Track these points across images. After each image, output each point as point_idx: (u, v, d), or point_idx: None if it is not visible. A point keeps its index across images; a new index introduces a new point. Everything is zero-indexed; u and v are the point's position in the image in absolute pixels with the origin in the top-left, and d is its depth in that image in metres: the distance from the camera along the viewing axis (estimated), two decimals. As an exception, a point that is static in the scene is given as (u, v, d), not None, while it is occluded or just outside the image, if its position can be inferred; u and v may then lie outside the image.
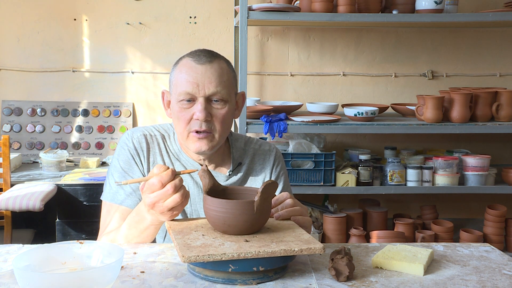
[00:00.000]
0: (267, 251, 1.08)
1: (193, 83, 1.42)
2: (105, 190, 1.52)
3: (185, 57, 1.49)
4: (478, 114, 2.85)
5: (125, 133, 1.57)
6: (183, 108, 1.44)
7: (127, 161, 1.51)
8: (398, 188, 2.87)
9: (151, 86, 3.32)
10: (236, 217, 1.15)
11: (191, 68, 1.44)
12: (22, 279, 0.96)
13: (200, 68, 1.43)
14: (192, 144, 1.45)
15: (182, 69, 1.46)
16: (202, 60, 1.44)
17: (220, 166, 1.56)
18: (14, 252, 1.28)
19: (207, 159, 1.53)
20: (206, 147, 1.45)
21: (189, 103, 1.44)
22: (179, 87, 1.44)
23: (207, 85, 1.43)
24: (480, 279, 1.15)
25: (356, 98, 3.37)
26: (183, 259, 1.04)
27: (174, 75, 1.48)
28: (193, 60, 1.45)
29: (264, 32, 3.31)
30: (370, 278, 1.14)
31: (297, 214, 1.30)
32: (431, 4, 2.78)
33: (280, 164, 1.64)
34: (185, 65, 1.46)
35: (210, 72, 1.43)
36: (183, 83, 1.43)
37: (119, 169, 1.51)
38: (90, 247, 1.11)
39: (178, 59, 1.51)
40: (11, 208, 2.37)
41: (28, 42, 3.26)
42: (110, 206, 1.50)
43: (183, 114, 1.44)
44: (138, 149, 1.52)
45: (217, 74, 1.44)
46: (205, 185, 1.23)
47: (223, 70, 1.46)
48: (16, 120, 3.23)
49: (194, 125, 1.44)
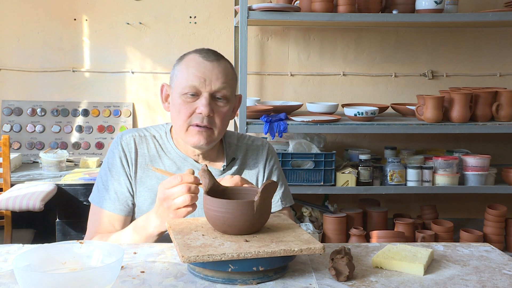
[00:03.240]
0: (267, 251, 1.08)
1: (200, 77, 1.45)
2: (93, 192, 1.55)
3: (191, 53, 1.51)
4: (478, 114, 2.84)
5: (116, 136, 1.59)
6: (187, 101, 1.47)
7: (114, 164, 1.53)
8: (398, 188, 2.86)
9: (151, 86, 3.32)
10: (236, 217, 1.15)
11: (199, 64, 1.47)
12: (22, 279, 0.96)
13: (208, 65, 1.47)
14: (191, 137, 1.48)
15: (190, 64, 1.48)
16: (210, 58, 1.48)
17: (214, 161, 1.59)
18: (14, 252, 1.28)
19: (202, 154, 1.55)
20: (205, 141, 1.47)
21: (193, 97, 1.46)
22: (185, 80, 1.46)
23: (214, 82, 1.46)
24: (480, 279, 1.15)
25: (356, 98, 3.37)
26: (183, 259, 1.04)
27: (179, 69, 1.50)
28: (201, 57, 1.48)
29: (264, 32, 3.31)
30: (370, 278, 1.14)
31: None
32: (431, 4, 2.78)
33: (273, 158, 1.66)
34: (192, 60, 1.48)
35: (217, 69, 1.47)
36: (190, 77, 1.46)
37: (107, 171, 1.53)
38: (90, 247, 1.11)
39: (183, 54, 1.53)
40: (11, 208, 2.36)
41: (28, 42, 3.25)
42: (97, 209, 1.53)
43: (185, 107, 1.46)
44: (127, 152, 1.53)
45: (224, 72, 1.48)
46: (205, 185, 1.23)
47: (228, 70, 1.50)
48: (16, 120, 3.23)
49: (195, 119, 1.46)
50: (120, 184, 1.52)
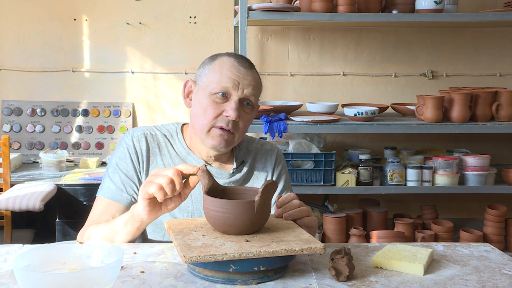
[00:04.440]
0: (268, 251, 1.08)
1: (234, 80, 1.46)
2: (102, 188, 1.51)
3: (224, 55, 1.52)
4: (478, 114, 2.84)
5: (126, 132, 1.57)
6: (216, 102, 1.46)
7: (125, 160, 1.51)
8: (398, 188, 2.86)
9: (151, 86, 3.32)
10: (237, 217, 1.15)
11: (234, 67, 1.47)
12: (22, 279, 0.96)
13: (243, 70, 1.48)
14: (211, 139, 1.47)
15: (224, 66, 1.48)
16: (245, 64, 1.50)
17: (225, 164, 1.58)
18: (14, 252, 1.27)
19: (214, 156, 1.54)
20: (225, 144, 1.47)
21: (222, 98, 1.46)
22: (217, 80, 1.46)
23: (246, 87, 1.47)
24: (480, 279, 1.15)
25: (356, 98, 3.37)
26: (185, 260, 1.04)
27: (211, 68, 1.49)
28: (236, 61, 1.49)
29: (264, 32, 3.31)
30: (370, 278, 1.14)
31: (305, 214, 1.32)
32: (431, 4, 2.78)
33: (281, 163, 1.66)
34: (226, 62, 1.49)
35: (251, 76, 1.49)
36: (224, 78, 1.46)
37: (116, 167, 1.51)
38: (90, 247, 1.11)
39: (214, 55, 1.53)
40: (11, 208, 2.36)
41: (28, 42, 3.25)
42: (100, 199, 1.50)
43: (213, 108, 1.46)
44: (138, 149, 1.52)
45: (256, 80, 1.50)
46: (204, 185, 1.23)
47: (258, 79, 1.53)
48: (16, 120, 3.22)
49: (221, 121, 1.46)
50: (128, 177, 1.49)
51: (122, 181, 1.49)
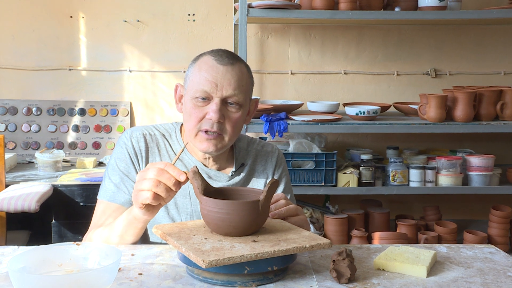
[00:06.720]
0: (282, 250, 1.09)
1: (212, 82, 1.42)
2: (102, 189, 1.51)
3: (206, 54, 1.48)
4: (482, 113, 2.82)
5: (124, 132, 1.57)
6: (197, 105, 1.44)
7: (124, 160, 1.51)
8: (400, 189, 2.85)
9: (149, 85, 3.29)
10: (242, 218, 1.14)
11: (212, 67, 1.43)
12: (18, 282, 0.96)
13: (221, 69, 1.43)
14: (199, 144, 1.46)
15: (203, 67, 1.44)
16: (224, 61, 1.44)
17: (223, 166, 1.57)
18: (9, 254, 1.28)
19: (211, 158, 1.53)
20: (214, 148, 1.45)
21: (203, 102, 1.43)
22: (196, 84, 1.43)
23: (225, 87, 1.42)
24: (485, 281, 1.15)
25: (357, 97, 3.35)
26: (204, 264, 1.02)
27: (192, 71, 1.47)
28: (215, 60, 1.44)
29: (264, 30, 3.28)
30: (372, 280, 1.14)
31: (293, 213, 1.32)
32: (434, 1, 2.78)
33: (282, 165, 1.65)
34: (206, 62, 1.45)
35: (230, 74, 1.43)
36: (202, 81, 1.43)
37: (115, 168, 1.50)
38: (87, 249, 1.12)
39: (198, 55, 1.50)
40: (6, 209, 2.34)
41: (23, 40, 3.21)
42: (107, 205, 1.48)
43: (196, 112, 1.44)
44: (136, 149, 1.52)
45: (237, 77, 1.44)
46: (198, 187, 1.21)
47: (243, 74, 1.46)
48: (11, 119, 3.19)
49: (205, 124, 1.43)
50: (129, 178, 1.48)
51: (122, 182, 1.49)
